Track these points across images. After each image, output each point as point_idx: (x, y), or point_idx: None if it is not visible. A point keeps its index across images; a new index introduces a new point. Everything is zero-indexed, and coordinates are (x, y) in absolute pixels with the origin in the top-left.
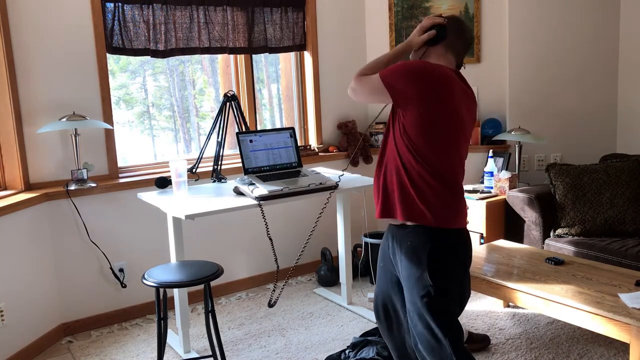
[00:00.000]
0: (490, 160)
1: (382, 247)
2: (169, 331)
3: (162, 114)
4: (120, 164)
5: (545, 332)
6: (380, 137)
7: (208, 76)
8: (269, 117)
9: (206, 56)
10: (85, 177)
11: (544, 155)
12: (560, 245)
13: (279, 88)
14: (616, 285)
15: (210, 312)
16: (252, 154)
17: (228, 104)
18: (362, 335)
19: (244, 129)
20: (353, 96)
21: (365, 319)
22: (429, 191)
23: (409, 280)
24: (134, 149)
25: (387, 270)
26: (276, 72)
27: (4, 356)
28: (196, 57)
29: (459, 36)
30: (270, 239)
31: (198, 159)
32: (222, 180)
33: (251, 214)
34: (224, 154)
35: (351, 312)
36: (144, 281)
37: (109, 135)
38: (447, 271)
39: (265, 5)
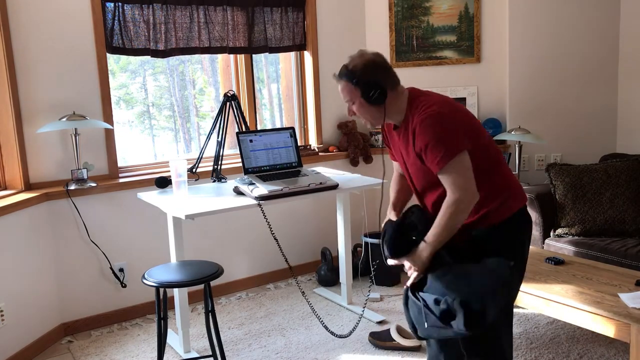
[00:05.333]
0: None
1: None
2: (169, 331)
3: (162, 113)
4: (120, 163)
5: (545, 332)
6: (381, 137)
7: (208, 76)
8: (269, 117)
9: (206, 56)
10: (85, 177)
11: (544, 155)
12: (560, 245)
13: (279, 88)
14: (616, 285)
15: (210, 312)
16: (252, 153)
17: (228, 103)
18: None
19: (244, 129)
20: (475, 192)
21: (365, 318)
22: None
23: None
24: (134, 148)
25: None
26: (276, 72)
27: (4, 356)
28: (196, 57)
29: (386, 70)
30: (276, 239)
31: (198, 158)
32: (222, 180)
33: (251, 214)
34: (224, 153)
35: (351, 312)
36: (144, 281)
37: (109, 135)
38: None
39: (265, 5)
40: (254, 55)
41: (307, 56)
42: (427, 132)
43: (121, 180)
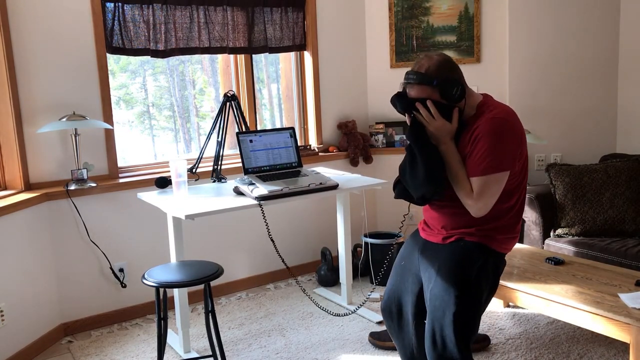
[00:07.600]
0: None
1: (409, 248)
2: (169, 331)
3: (162, 114)
4: (120, 164)
5: (545, 332)
6: (380, 137)
7: (208, 76)
8: (269, 117)
9: (206, 56)
10: (85, 177)
11: (544, 155)
12: (560, 245)
13: (279, 88)
14: (616, 285)
15: (210, 312)
16: (252, 153)
17: (228, 103)
18: None
19: (244, 129)
20: (486, 211)
21: (365, 318)
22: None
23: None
24: (134, 149)
25: (407, 270)
26: (276, 72)
27: (4, 356)
28: (196, 57)
29: (457, 70)
30: (272, 240)
31: (198, 158)
32: (222, 180)
33: (251, 214)
34: (224, 154)
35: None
36: (144, 281)
37: (109, 135)
38: None
39: (265, 5)
40: (254, 55)
41: (307, 56)
42: (490, 132)
43: (121, 180)
